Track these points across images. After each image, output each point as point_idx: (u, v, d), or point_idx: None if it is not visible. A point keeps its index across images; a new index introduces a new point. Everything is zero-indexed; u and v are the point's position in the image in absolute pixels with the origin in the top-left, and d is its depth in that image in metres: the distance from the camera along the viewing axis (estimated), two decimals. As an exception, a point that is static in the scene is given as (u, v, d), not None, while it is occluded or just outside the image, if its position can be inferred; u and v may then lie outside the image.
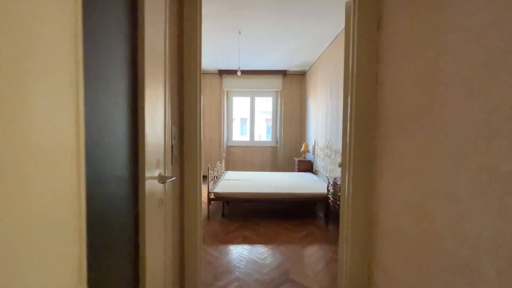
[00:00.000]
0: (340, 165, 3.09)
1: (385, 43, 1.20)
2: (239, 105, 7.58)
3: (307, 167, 5.41)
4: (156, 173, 0.91)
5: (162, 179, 0.93)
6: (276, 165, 6.55)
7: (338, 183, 2.88)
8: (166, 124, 1.01)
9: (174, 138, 1.16)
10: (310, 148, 5.55)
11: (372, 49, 1.24)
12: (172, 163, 1.14)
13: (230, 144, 6.70)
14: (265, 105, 10.29)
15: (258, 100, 6.91)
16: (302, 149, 5.55)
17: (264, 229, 3.12)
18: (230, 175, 4.77)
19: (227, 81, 6.37)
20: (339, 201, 2.86)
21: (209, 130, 6.53)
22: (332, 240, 2.82)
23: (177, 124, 1.25)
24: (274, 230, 3.09)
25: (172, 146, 1.14)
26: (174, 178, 0.96)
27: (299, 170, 5.40)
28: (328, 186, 3.30)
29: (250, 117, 6.72)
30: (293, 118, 6.51)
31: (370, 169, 1.28)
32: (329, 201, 3.19)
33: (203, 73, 6.44)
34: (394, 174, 1.12)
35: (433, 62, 0.91)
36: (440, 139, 0.86)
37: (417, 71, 1.00)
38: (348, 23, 1.37)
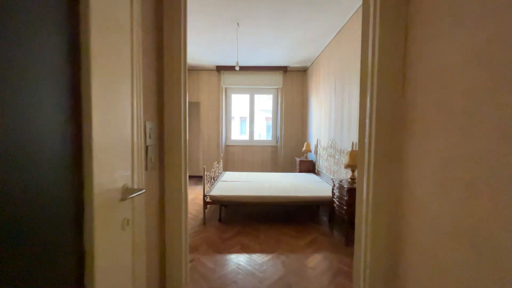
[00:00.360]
0: (346, 166, 2.86)
1: (417, 21, 0.96)
2: (238, 103, 7.34)
3: (309, 167, 5.17)
4: (118, 184, 0.68)
5: (127, 192, 0.70)
6: (276, 165, 6.31)
7: (345, 186, 2.64)
8: (136, 120, 0.77)
9: (149, 137, 0.93)
10: (312, 148, 5.31)
11: (399, 32, 0.99)
12: (146, 169, 0.90)
13: (229, 144, 6.46)
14: (265, 104, 10.08)
15: (258, 97, 6.66)
16: (304, 148, 5.32)
17: (264, 235, 2.89)
18: (229, 176, 4.54)
19: (226, 77, 6.12)
20: (345, 206, 2.62)
21: (207, 129, 6.29)
22: (338, 248, 2.59)
23: (155, 121, 1.01)
24: (275, 236, 2.85)
25: (146, 147, 0.90)
26: (144, 190, 0.72)
27: (301, 171, 5.16)
28: (333, 189, 3.06)
29: (249, 115, 6.48)
30: (294, 116, 6.27)
31: (395, 174, 1.04)
32: (334, 205, 2.95)
33: (200, 69, 6.19)
34: (434, 185, 0.87)
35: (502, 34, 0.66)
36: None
37: (470, 50, 0.76)
38: (366, 2, 1.12)
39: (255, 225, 3.19)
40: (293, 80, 6.22)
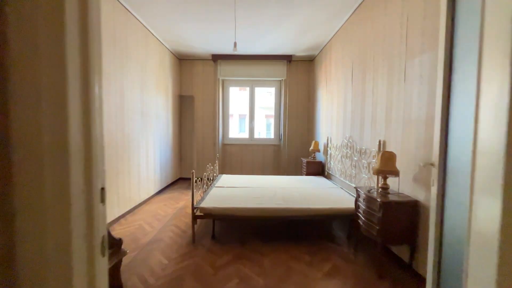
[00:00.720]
0: (377, 172, 2.20)
1: None
2: (237, 100, 6.68)
3: (318, 169, 4.51)
4: None
5: None
6: (279, 167, 5.65)
7: (378, 198, 1.99)
8: None
9: None
10: (321, 147, 4.65)
11: None
12: None
13: (226, 142, 5.80)
14: (265, 100, 9.44)
15: (259, 91, 5.99)
16: (311, 148, 4.66)
17: (269, 260, 2.23)
18: (225, 179, 3.88)
19: (223, 68, 5.44)
20: (378, 225, 1.97)
21: (201, 126, 5.61)
22: (369, 281, 1.93)
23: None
24: (283, 262, 2.20)
25: None
26: None
27: (308, 173, 4.51)
28: (356, 200, 2.41)
29: (249, 111, 5.80)
30: (299, 112, 5.60)
31: None
32: (359, 221, 2.30)
33: (193, 59, 5.51)
34: None
35: None
36: None
37: None
38: None
39: (257, 245, 2.53)
40: (299, 71, 5.55)
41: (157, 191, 4.42)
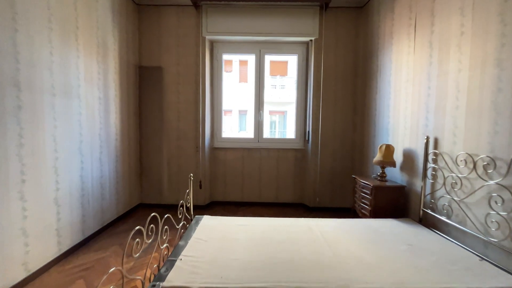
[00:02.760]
0: None
1: None
2: (237, 93, 4.47)
3: (396, 202, 2.26)
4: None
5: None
6: (305, 186, 3.39)
7: None
8: None
9: None
10: (398, 157, 2.40)
11: None
12: None
13: (217, 145, 3.55)
14: (268, 94, 7.16)
15: (269, 61, 3.73)
16: (378, 158, 2.40)
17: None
18: (205, 240, 1.64)
19: (212, 20, 3.19)
20: None
21: (176, 118, 3.37)
22: None
23: None
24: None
25: None
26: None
27: (376, 211, 2.24)
28: None
29: (255, 95, 3.55)
30: (338, 94, 3.34)
31: None
32: None
33: (161, 4, 3.25)
34: None
35: None
36: None
37: None
38: None
39: None
40: (339, 25, 3.29)
41: (72, 246, 2.17)
